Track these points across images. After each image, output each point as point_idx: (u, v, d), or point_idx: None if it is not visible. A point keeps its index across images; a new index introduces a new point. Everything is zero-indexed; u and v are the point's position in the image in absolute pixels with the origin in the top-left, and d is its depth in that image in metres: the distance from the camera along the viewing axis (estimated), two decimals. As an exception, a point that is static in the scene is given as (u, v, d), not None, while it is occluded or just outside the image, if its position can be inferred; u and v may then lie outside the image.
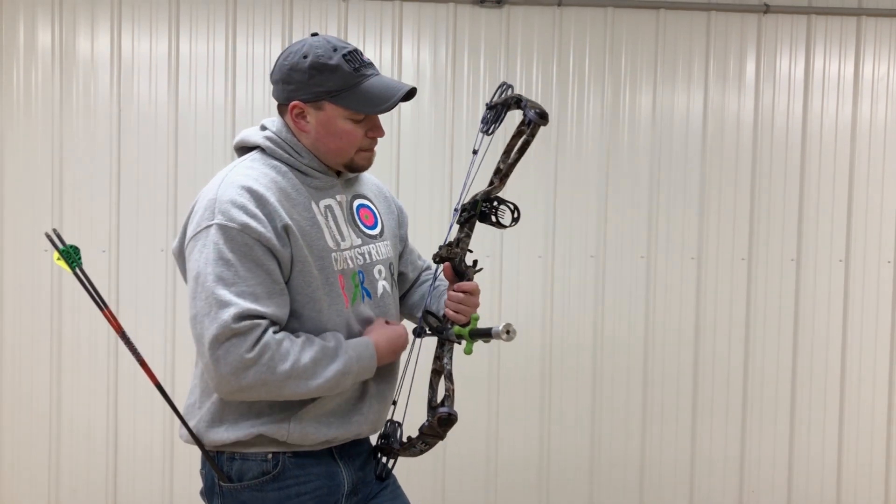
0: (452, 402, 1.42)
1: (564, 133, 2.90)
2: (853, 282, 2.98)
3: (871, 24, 2.97)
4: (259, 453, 1.39)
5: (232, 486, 1.40)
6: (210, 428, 1.41)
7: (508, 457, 2.92)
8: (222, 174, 1.39)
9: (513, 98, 1.48)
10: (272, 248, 1.31)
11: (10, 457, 2.79)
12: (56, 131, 2.75)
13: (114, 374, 2.78)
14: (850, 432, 3.00)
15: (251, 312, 1.27)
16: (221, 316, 1.26)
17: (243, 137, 1.49)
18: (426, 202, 2.84)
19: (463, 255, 1.52)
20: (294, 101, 1.40)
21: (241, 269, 1.29)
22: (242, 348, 1.26)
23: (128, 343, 1.41)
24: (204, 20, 2.79)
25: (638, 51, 2.91)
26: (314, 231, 1.39)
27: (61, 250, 1.36)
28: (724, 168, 2.94)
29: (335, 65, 1.36)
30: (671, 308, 2.94)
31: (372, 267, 1.50)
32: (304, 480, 1.40)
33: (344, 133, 1.41)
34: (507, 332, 1.38)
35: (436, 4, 2.84)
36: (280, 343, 1.30)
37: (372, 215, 1.56)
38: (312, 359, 1.32)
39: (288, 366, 1.29)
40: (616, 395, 2.94)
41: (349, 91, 1.37)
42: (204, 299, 1.28)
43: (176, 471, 2.79)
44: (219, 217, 1.30)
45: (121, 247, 2.77)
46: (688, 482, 2.97)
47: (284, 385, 1.30)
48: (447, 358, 1.49)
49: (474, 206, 1.51)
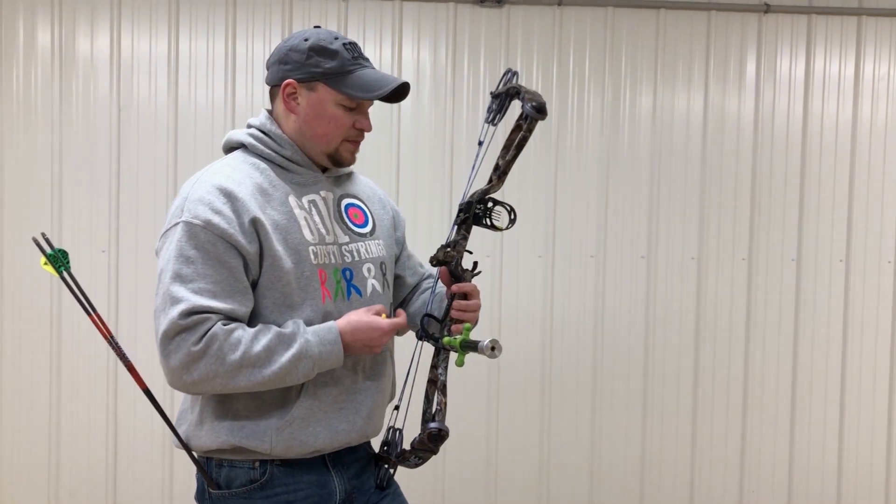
0: (444, 416, 1.37)
1: (564, 133, 2.89)
2: (853, 282, 2.98)
3: (872, 24, 2.97)
4: (247, 461, 1.37)
5: (220, 493, 1.39)
6: (195, 432, 1.40)
7: (508, 457, 2.91)
8: (199, 173, 1.41)
9: (513, 88, 1.44)
10: (236, 244, 1.30)
11: (10, 457, 2.79)
12: (56, 131, 2.75)
13: (114, 374, 2.78)
14: (850, 432, 3.00)
15: (201, 308, 1.26)
16: (171, 312, 1.26)
17: (229, 137, 1.51)
18: (426, 202, 2.84)
19: (460, 258, 1.49)
20: (288, 79, 1.40)
21: (200, 266, 1.28)
22: (189, 341, 1.26)
23: (115, 347, 1.41)
24: (204, 20, 2.79)
25: (638, 51, 2.91)
26: (290, 224, 1.37)
27: (49, 255, 1.36)
28: (724, 168, 2.93)
29: (334, 49, 1.38)
30: (671, 308, 2.93)
31: (361, 265, 1.47)
32: (293, 489, 1.38)
33: (332, 118, 1.41)
34: (493, 348, 1.30)
35: (436, 4, 2.83)
36: (230, 333, 1.27)
37: (362, 214, 1.54)
38: (265, 346, 1.28)
39: (238, 355, 1.26)
40: (616, 395, 2.93)
41: (344, 76, 1.38)
42: (161, 295, 1.29)
43: (176, 471, 2.79)
44: (186, 215, 1.31)
45: (121, 247, 2.77)
46: (688, 482, 2.97)
47: (236, 375, 1.27)
48: (442, 368, 1.44)
49: (469, 207, 1.47)
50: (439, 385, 1.42)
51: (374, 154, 2.76)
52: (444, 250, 1.47)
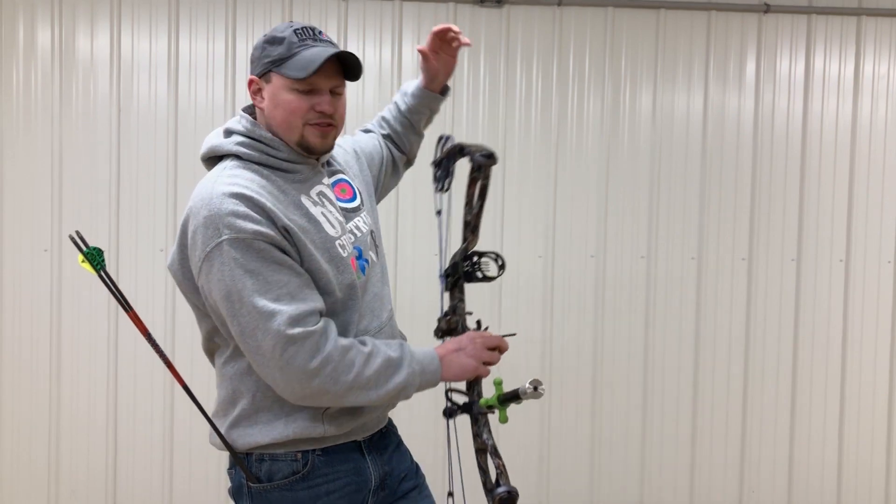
0: (507, 477, 1.34)
1: (564, 133, 2.90)
2: (853, 282, 2.98)
3: (871, 24, 2.97)
4: (289, 453, 1.39)
5: (261, 486, 1.40)
6: (241, 431, 1.40)
7: (507, 457, 2.90)
8: (207, 189, 1.34)
9: (455, 147, 1.43)
10: (283, 247, 1.31)
11: (10, 456, 2.79)
12: (56, 131, 2.75)
13: (114, 374, 2.78)
14: (850, 432, 3.00)
15: (298, 315, 1.27)
16: (272, 326, 1.26)
17: (212, 146, 1.44)
18: (426, 202, 2.84)
19: (463, 322, 1.49)
20: (250, 76, 1.42)
21: (268, 275, 1.28)
22: (303, 357, 1.27)
23: (155, 346, 1.41)
24: (204, 20, 2.79)
25: (638, 51, 2.91)
26: (312, 226, 1.38)
27: (85, 252, 1.35)
28: (724, 168, 2.93)
29: (282, 36, 1.37)
30: (671, 308, 2.93)
31: (365, 238, 1.50)
32: (332, 478, 1.41)
33: (287, 104, 1.38)
34: (535, 388, 1.30)
35: (436, 4, 2.83)
36: (345, 354, 1.31)
37: (349, 187, 1.54)
38: (376, 370, 1.34)
39: (350, 377, 1.31)
40: (616, 395, 2.94)
41: (289, 59, 1.36)
42: (247, 314, 1.27)
43: (176, 471, 2.79)
44: (226, 232, 1.28)
45: (121, 247, 2.77)
46: (688, 482, 2.97)
47: (346, 395, 1.32)
48: (486, 433, 1.42)
49: (455, 268, 1.47)
50: (490, 449, 1.39)
51: (374, 154, 2.76)
52: (446, 319, 1.48)
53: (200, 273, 1.31)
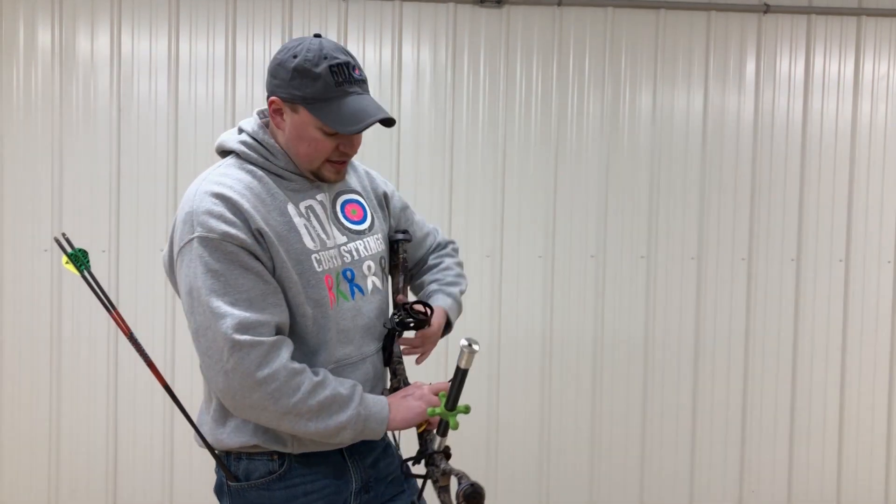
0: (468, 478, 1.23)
1: (564, 133, 2.90)
2: (853, 282, 2.98)
3: (871, 24, 2.97)
4: (265, 453, 1.39)
5: (239, 485, 1.40)
6: (215, 430, 1.41)
7: (508, 457, 2.91)
8: (197, 183, 1.38)
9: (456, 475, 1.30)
10: (254, 252, 1.31)
11: (10, 457, 2.79)
12: (56, 131, 2.75)
13: (114, 374, 2.78)
14: (850, 432, 3.00)
15: (249, 322, 1.26)
16: (220, 328, 1.25)
17: (221, 141, 1.48)
18: (426, 201, 2.84)
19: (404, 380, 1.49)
20: (273, 96, 1.39)
21: (230, 278, 1.28)
22: (248, 366, 1.25)
23: (136, 345, 1.42)
24: (204, 20, 2.79)
25: (638, 51, 2.91)
26: (290, 235, 1.37)
27: (70, 254, 1.36)
28: (724, 168, 2.93)
29: (318, 73, 1.33)
30: (671, 308, 2.94)
31: (361, 263, 1.48)
32: (311, 479, 1.40)
33: (313, 141, 1.38)
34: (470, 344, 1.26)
35: (436, 4, 2.83)
36: (293, 376, 1.28)
37: (360, 209, 1.54)
38: (319, 402, 1.30)
39: (293, 401, 1.28)
40: (616, 395, 2.94)
41: (325, 103, 1.35)
42: (201, 314, 1.28)
43: (176, 471, 2.79)
44: (199, 229, 1.29)
45: (121, 247, 2.77)
46: (688, 482, 2.97)
47: (283, 418, 1.29)
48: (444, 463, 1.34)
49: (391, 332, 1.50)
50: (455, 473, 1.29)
51: (374, 154, 2.76)
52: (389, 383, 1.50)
53: (175, 265, 1.34)
